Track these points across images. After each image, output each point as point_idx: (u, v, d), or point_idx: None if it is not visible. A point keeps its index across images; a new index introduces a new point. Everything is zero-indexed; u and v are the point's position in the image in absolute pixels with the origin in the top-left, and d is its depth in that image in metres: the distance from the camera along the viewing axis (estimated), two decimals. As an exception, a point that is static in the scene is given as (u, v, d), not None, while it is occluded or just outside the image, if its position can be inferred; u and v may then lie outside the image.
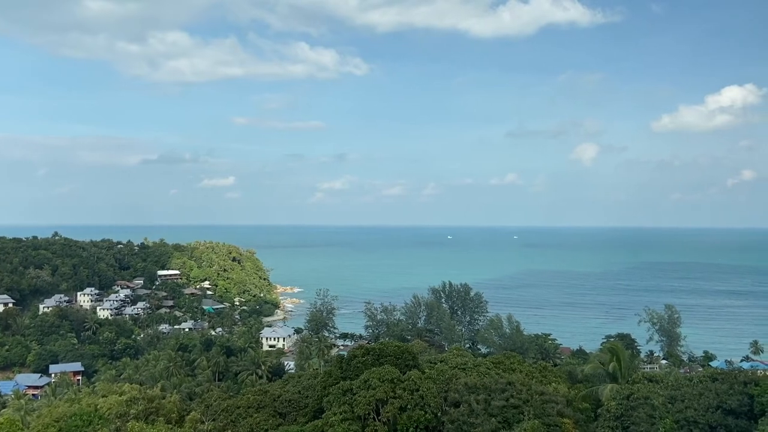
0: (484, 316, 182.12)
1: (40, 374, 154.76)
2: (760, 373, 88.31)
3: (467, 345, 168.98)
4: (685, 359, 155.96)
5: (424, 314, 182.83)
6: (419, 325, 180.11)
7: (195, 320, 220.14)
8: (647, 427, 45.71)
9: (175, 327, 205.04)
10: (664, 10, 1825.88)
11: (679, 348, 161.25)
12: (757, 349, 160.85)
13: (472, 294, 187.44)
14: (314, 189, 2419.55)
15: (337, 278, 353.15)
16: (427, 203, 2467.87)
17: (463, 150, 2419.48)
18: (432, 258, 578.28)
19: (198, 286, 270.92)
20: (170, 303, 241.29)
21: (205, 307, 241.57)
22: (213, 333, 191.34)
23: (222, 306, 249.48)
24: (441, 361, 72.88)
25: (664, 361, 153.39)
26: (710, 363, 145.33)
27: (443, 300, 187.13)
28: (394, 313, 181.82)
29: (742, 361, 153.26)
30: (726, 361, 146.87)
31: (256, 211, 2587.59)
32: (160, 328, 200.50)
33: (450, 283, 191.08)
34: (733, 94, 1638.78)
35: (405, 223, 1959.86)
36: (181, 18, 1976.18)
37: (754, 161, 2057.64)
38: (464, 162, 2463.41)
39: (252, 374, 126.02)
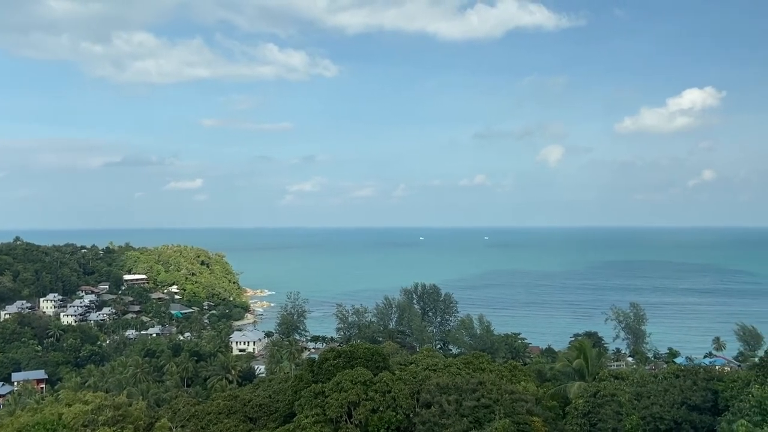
0: (454, 316, 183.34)
1: (1, 383, 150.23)
2: (719, 368, 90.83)
3: (438, 346, 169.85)
4: (650, 356, 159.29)
5: (396, 316, 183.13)
6: (391, 326, 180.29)
7: (163, 325, 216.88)
8: (614, 423, 46.55)
9: (142, 332, 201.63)
10: (627, 15, 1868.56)
11: (644, 345, 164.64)
12: (719, 345, 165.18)
13: (442, 295, 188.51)
14: (284, 191, 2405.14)
15: (308, 281, 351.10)
16: (397, 204, 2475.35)
17: (432, 151, 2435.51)
18: (404, 259, 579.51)
19: (165, 291, 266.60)
20: (137, 308, 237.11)
21: (173, 312, 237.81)
22: (181, 338, 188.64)
23: (190, 310, 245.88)
24: (412, 363, 73.07)
25: (630, 359, 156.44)
26: (674, 360, 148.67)
27: (415, 301, 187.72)
28: (366, 315, 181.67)
29: (705, 357, 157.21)
30: (687, 357, 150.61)
31: (225, 213, 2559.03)
32: (127, 333, 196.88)
33: (422, 285, 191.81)
34: (693, 97, 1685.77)
35: (376, 224, 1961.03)
36: (147, 18, 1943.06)
37: (714, 162, 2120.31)
38: (434, 163, 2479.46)
39: (222, 379, 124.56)
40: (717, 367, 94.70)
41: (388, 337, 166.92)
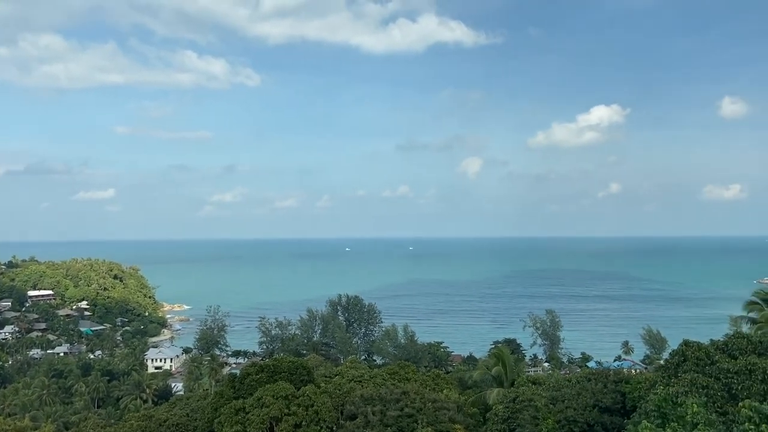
0: (379, 327, 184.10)
1: None
2: (627, 371, 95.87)
3: (363, 357, 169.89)
4: (565, 361, 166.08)
5: (320, 328, 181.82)
6: (315, 339, 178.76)
7: (71, 343, 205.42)
8: (531, 428, 48.04)
9: (49, 351, 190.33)
10: (541, 34, 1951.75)
11: (559, 351, 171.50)
12: (627, 349, 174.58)
13: (366, 305, 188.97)
14: (203, 201, 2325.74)
15: (229, 294, 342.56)
16: (322, 215, 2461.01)
17: (355, 162, 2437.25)
18: (329, 270, 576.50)
19: (74, 307, 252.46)
20: (42, 326, 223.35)
21: (82, 329, 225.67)
22: (92, 356, 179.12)
23: (102, 327, 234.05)
24: (337, 375, 72.67)
25: (546, 364, 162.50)
26: (587, 364, 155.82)
27: (339, 312, 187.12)
28: (289, 327, 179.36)
29: (615, 360, 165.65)
30: (598, 362, 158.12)
31: (139, 225, 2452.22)
32: (31, 353, 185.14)
33: (346, 296, 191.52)
34: (600, 114, 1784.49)
35: (301, 235, 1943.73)
36: (56, 20, 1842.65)
37: (620, 175, 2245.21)
38: (357, 174, 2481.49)
39: (136, 398, 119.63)
40: (625, 370, 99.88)
41: (312, 349, 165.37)
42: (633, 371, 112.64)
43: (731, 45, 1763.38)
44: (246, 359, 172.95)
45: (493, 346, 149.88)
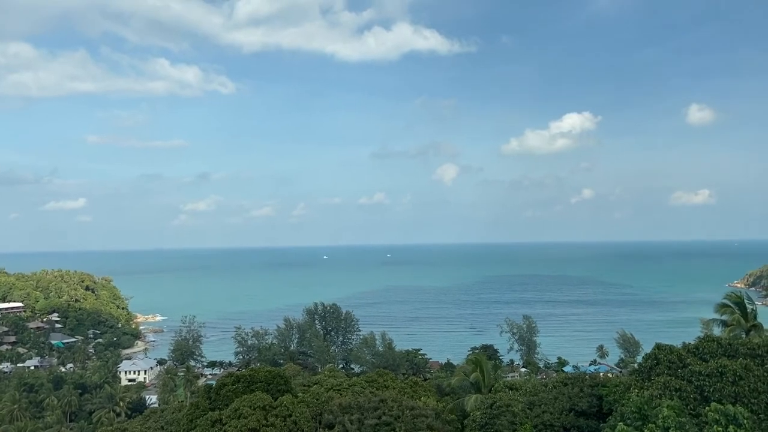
0: (356, 335, 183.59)
1: None
2: (603, 375, 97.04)
3: (341, 365, 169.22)
4: (541, 366, 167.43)
5: (297, 337, 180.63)
6: (292, 348, 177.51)
7: (42, 356, 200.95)
8: (510, 433, 48.31)
9: (19, 365, 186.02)
10: (514, 43, 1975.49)
11: (536, 356, 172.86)
12: (602, 353, 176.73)
13: (343, 313, 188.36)
14: (177, 210, 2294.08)
15: (204, 304, 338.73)
16: (298, 223, 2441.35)
17: (331, 170, 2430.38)
18: (306, 279, 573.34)
19: (45, 319, 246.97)
20: (12, 339, 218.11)
21: (53, 342, 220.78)
22: (63, 369, 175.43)
23: (74, 339, 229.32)
24: (316, 384, 72.29)
25: (523, 369, 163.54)
26: (563, 368, 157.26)
27: (316, 321, 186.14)
28: (266, 337, 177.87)
29: (590, 364, 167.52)
30: (574, 366, 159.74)
31: (112, 235, 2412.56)
32: (1, 367, 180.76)
33: (323, 304, 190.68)
34: (572, 121, 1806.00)
35: (277, 244, 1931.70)
36: (25, 28, 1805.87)
37: (592, 181, 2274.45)
38: (333, 182, 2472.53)
39: (109, 412, 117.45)
40: (601, 374, 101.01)
41: (289, 359, 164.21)
42: (610, 375, 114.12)
43: (697, 54, 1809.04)
44: (222, 370, 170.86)
45: (470, 352, 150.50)
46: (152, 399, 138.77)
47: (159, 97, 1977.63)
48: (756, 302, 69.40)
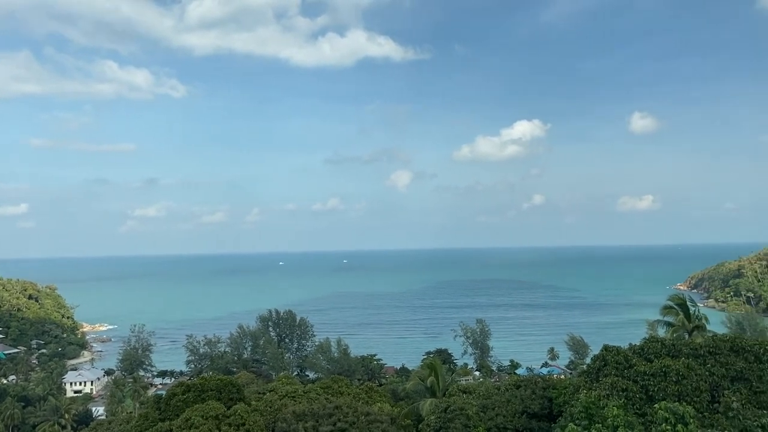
0: (311, 341, 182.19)
1: None
2: (555, 377, 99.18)
3: (296, 372, 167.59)
4: (494, 369, 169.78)
5: (251, 344, 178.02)
6: (245, 355, 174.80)
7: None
8: (464, 436, 48.81)
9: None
10: (466, 51, 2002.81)
11: (489, 359, 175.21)
12: (553, 355, 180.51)
13: (298, 320, 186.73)
14: (125, 216, 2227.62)
15: (154, 312, 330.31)
16: (252, 230, 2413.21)
17: (285, 175, 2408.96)
18: (261, 285, 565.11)
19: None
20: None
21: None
22: (5, 382, 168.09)
23: (16, 351, 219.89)
24: (270, 391, 71.35)
25: (477, 373, 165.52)
26: (516, 371, 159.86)
27: (271, 328, 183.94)
28: (219, 345, 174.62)
29: (542, 367, 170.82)
30: (527, 368, 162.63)
31: (56, 241, 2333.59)
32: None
33: (277, 311, 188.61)
34: (523, 128, 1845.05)
35: (230, 250, 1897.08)
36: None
37: (543, 187, 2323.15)
38: (287, 187, 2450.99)
39: (54, 425, 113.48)
40: (554, 376, 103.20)
41: (242, 366, 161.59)
42: (562, 376, 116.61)
43: (640, 64, 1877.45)
44: (173, 379, 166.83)
45: (425, 356, 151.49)
46: (99, 411, 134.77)
47: (107, 100, 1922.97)
48: (698, 303, 72.35)
